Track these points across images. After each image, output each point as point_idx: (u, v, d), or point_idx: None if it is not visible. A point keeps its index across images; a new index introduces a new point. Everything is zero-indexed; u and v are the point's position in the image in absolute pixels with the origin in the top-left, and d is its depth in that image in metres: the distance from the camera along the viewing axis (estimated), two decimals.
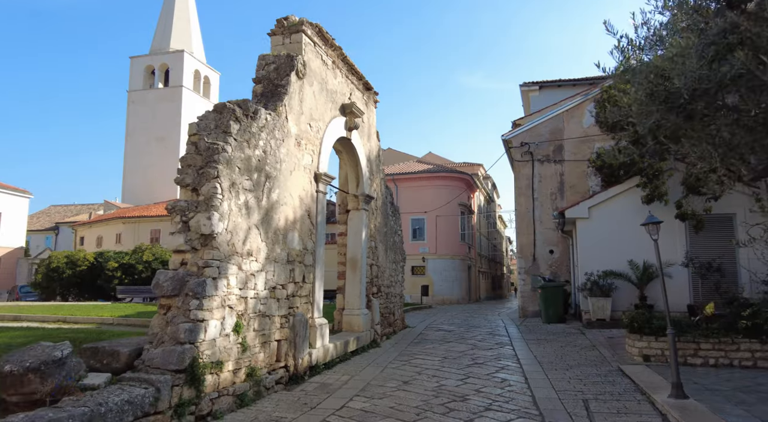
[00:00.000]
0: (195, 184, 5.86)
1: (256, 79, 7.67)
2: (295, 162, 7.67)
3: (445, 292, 32.00)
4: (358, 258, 10.39)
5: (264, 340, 6.72)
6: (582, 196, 16.36)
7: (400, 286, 13.68)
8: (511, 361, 9.11)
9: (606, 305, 13.32)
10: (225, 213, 5.91)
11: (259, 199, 6.66)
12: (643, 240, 13.85)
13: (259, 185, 6.66)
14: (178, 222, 5.77)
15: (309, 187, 8.11)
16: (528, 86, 25.30)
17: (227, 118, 6.18)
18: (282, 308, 7.18)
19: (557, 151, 18.51)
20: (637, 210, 13.75)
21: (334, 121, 9.11)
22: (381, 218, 12.04)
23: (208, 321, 5.56)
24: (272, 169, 6.99)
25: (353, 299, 10.32)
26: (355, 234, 10.48)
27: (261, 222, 6.68)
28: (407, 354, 9.87)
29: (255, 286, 6.51)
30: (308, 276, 8.00)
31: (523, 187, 18.67)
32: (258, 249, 6.59)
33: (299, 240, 7.74)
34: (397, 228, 13.65)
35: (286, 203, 7.34)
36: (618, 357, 9.21)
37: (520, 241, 18.52)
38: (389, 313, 12.43)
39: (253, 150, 6.55)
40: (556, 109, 18.79)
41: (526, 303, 18.19)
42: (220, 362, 5.76)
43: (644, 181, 13.11)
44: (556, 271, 17.90)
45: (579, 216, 14.31)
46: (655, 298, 13.25)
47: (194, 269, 5.65)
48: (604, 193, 14.20)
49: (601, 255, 13.88)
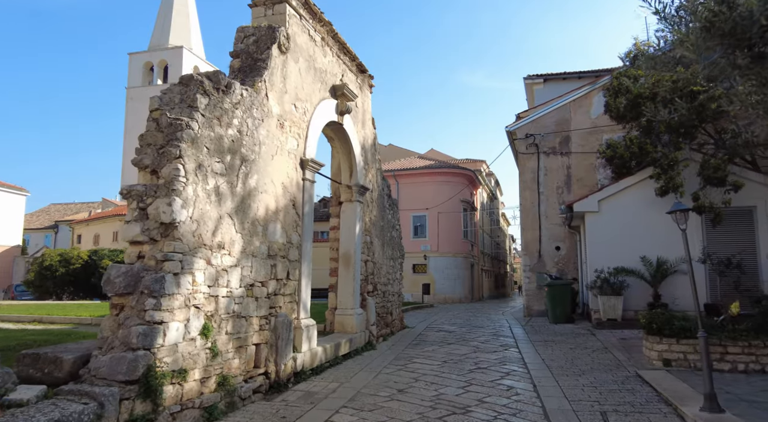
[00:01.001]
0: (155, 165, 5.09)
1: (234, 53, 6.90)
2: (278, 145, 6.90)
3: (447, 291, 31.20)
4: (351, 253, 9.62)
5: (239, 345, 5.95)
6: (590, 190, 15.55)
7: (398, 284, 12.91)
8: (518, 366, 8.33)
9: (617, 304, 12.51)
10: (190, 199, 5.14)
11: (233, 185, 5.89)
12: (656, 235, 13.06)
13: (233, 169, 5.89)
14: (135, 210, 5.00)
15: (294, 174, 7.33)
16: (532, 79, 24.45)
17: (194, 91, 5.41)
18: (261, 308, 6.41)
19: (564, 142, 17.68)
20: (650, 203, 12.95)
21: (324, 103, 8.33)
22: (377, 211, 11.26)
23: (167, 323, 4.79)
24: (249, 152, 6.22)
25: (346, 298, 9.55)
26: (348, 228, 9.71)
27: (235, 212, 5.91)
28: (404, 357, 9.09)
29: (228, 283, 5.74)
30: (293, 272, 7.23)
31: (528, 180, 17.86)
32: (231, 242, 5.82)
33: (282, 232, 6.97)
34: (395, 223, 12.87)
35: (266, 191, 6.57)
36: (634, 361, 8.42)
37: (525, 237, 17.71)
38: (386, 313, 11.66)
39: (226, 129, 5.78)
40: (563, 100, 17.96)
41: (532, 302, 17.39)
42: (183, 370, 4.99)
43: (658, 172, 12.29)
44: (562, 269, 17.08)
45: (588, 210, 13.49)
46: (670, 297, 12.43)
47: (152, 263, 4.89)
48: (615, 185, 13.38)
49: (611, 251, 13.07)
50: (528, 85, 25.09)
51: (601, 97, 17.31)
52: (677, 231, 12.82)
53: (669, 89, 11.99)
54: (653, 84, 12.38)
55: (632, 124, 13.50)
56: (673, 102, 12.02)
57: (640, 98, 12.51)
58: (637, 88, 12.71)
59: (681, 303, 12.12)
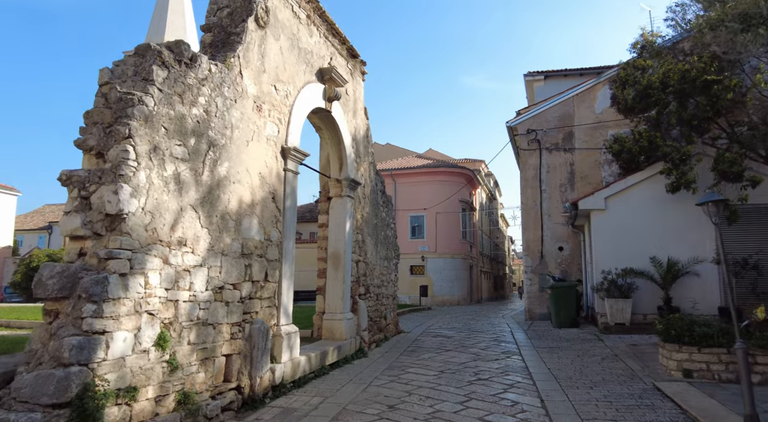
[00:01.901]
0: (100, 146, 4.33)
1: (205, 27, 6.15)
2: (254, 130, 6.14)
3: (446, 293, 30.45)
4: (341, 253, 8.86)
5: (205, 356, 5.19)
6: (594, 188, 14.82)
7: (392, 286, 12.15)
8: (522, 376, 7.57)
9: (625, 308, 11.76)
10: (141, 187, 4.38)
11: (198, 173, 5.13)
12: (667, 234, 12.32)
13: (198, 154, 5.13)
14: (76, 198, 4.24)
15: (274, 164, 6.57)
16: (533, 76, 23.72)
17: (150, 62, 4.66)
18: (233, 314, 5.65)
19: (567, 138, 16.95)
20: (661, 200, 12.22)
21: (309, 87, 7.58)
22: (370, 208, 10.51)
23: (111, 333, 4.03)
24: (219, 136, 5.47)
25: (335, 301, 8.79)
26: (338, 225, 8.95)
27: (201, 203, 5.16)
28: (398, 366, 8.33)
29: (191, 286, 4.98)
30: (272, 273, 6.47)
31: (530, 178, 17.12)
32: (195, 238, 5.06)
33: (259, 228, 6.21)
34: (390, 221, 12.11)
35: (239, 181, 5.82)
36: (649, 370, 7.66)
37: (527, 237, 16.96)
38: (380, 317, 10.90)
39: (189, 107, 5.02)
40: (566, 94, 17.24)
41: (534, 304, 16.63)
42: (132, 388, 4.22)
43: (669, 167, 11.56)
44: (566, 270, 16.34)
45: (594, 208, 12.75)
46: (682, 300, 11.69)
47: (94, 262, 4.13)
48: (623, 181, 12.64)
49: (619, 252, 12.34)
50: (528, 82, 24.35)
51: (606, 91, 16.60)
52: (689, 230, 12.15)
53: (681, 79, 11.27)
54: (663, 74, 11.65)
55: (640, 117, 12.79)
56: (685, 92, 11.30)
57: (650, 89, 11.78)
58: (646, 78, 11.98)
59: (694, 307, 11.39)
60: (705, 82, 10.90)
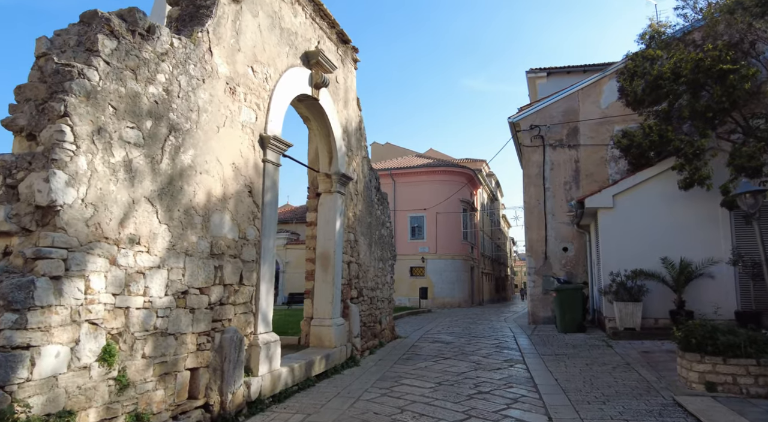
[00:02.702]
0: (32, 126, 3.68)
1: (172, 0, 5.49)
2: (227, 115, 5.48)
3: (446, 295, 29.77)
4: (330, 253, 8.20)
5: (165, 371, 4.52)
6: (601, 186, 14.14)
7: (388, 289, 11.48)
8: (527, 388, 6.89)
9: (635, 311, 11.08)
10: (81, 175, 3.73)
11: (156, 160, 4.47)
12: (680, 234, 11.63)
13: (155, 139, 4.47)
14: (0, 187, 3.59)
15: (250, 154, 5.91)
16: (535, 73, 23.04)
17: (96, 30, 4.00)
18: (200, 322, 4.99)
19: (571, 134, 16.28)
20: (672, 197, 11.54)
21: (293, 71, 6.92)
22: (363, 205, 9.84)
23: (39, 347, 3.37)
24: (183, 119, 4.81)
25: (324, 306, 8.12)
26: (327, 223, 8.29)
27: (159, 196, 4.49)
28: (391, 376, 7.66)
29: (146, 291, 4.32)
30: (248, 276, 5.81)
31: (533, 175, 16.44)
32: (152, 235, 4.40)
33: (232, 225, 5.54)
34: (385, 220, 11.44)
35: (208, 171, 5.15)
36: (667, 382, 6.98)
37: (530, 237, 16.27)
38: (374, 322, 10.23)
39: (145, 85, 4.37)
40: (570, 88, 16.58)
41: (537, 307, 15.94)
42: (68, 412, 3.56)
43: (681, 163, 10.88)
44: (571, 271, 15.65)
45: (601, 206, 12.07)
46: (696, 303, 11.01)
47: (19, 262, 3.47)
48: (631, 178, 11.96)
49: (628, 252, 11.66)
50: (531, 79, 23.69)
51: (612, 84, 15.95)
52: (703, 229, 11.43)
53: (694, 68, 10.59)
54: (675, 64, 10.98)
55: (650, 110, 12.12)
56: (699, 82, 10.63)
57: (660, 79, 11.10)
58: (656, 68, 11.30)
59: (716, 311, 10.70)
60: (720, 72, 10.23)
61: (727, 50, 10.29)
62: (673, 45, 11.87)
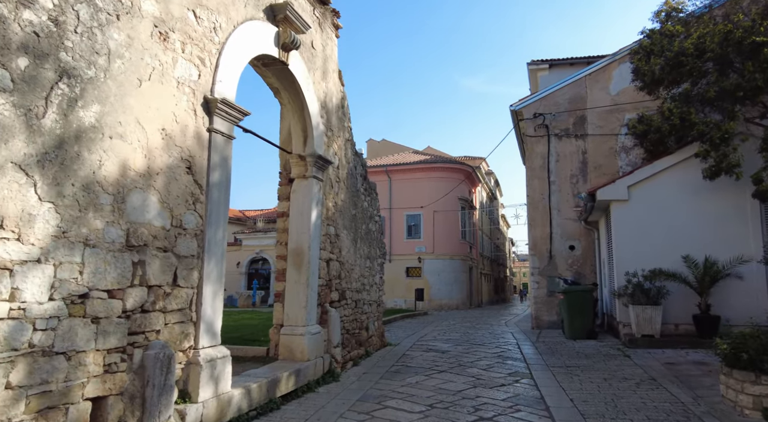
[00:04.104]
0: None
1: None
2: (155, 67, 4.24)
3: (444, 296, 28.53)
4: (304, 249, 6.96)
5: (49, 404, 3.28)
6: (610, 179, 12.92)
7: (377, 291, 10.24)
8: (537, 412, 5.65)
9: (655, 316, 9.86)
10: None
11: (35, 113, 3.23)
12: (703, 229, 10.37)
13: (34, 84, 3.23)
14: None
15: (190, 120, 4.67)
16: (536, 64, 21.79)
17: None
18: (110, 335, 3.74)
19: (578, 123, 15.07)
20: (695, 188, 10.33)
21: (253, 25, 5.67)
22: (346, 195, 8.61)
23: None
24: (82, 63, 3.57)
25: (296, 311, 6.88)
26: (301, 213, 7.06)
27: (40, 162, 3.25)
28: (374, 395, 6.42)
29: (14, 294, 3.08)
30: (186, 275, 4.56)
31: (537, 167, 15.22)
32: (26, 217, 3.16)
33: (161, 209, 4.30)
34: (373, 213, 10.20)
35: (123, 136, 3.91)
36: (707, 405, 5.74)
37: (534, 235, 15.04)
38: (359, 328, 8.99)
39: (17, 8, 3.13)
40: (577, 74, 15.37)
41: (541, 311, 14.71)
42: None
43: (706, 149, 9.67)
44: (579, 271, 14.43)
45: (615, 199, 10.86)
46: (722, 307, 9.80)
47: None
48: (649, 166, 10.74)
49: (644, 250, 10.46)
50: (532, 71, 22.44)
51: (621, 70, 14.77)
52: (730, 224, 10.12)
53: (722, 42, 9.38)
54: (699, 38, 9.77)
55: (667, 93, 10.91)
56: (728, 57, 9.41)
57: (682, 56, 9.89)
58: (677, 44, 10.09)
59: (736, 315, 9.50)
60: (753, 45, 9.01)
61: (762, 20, 9.09)
62: (692, 23, 10.67)
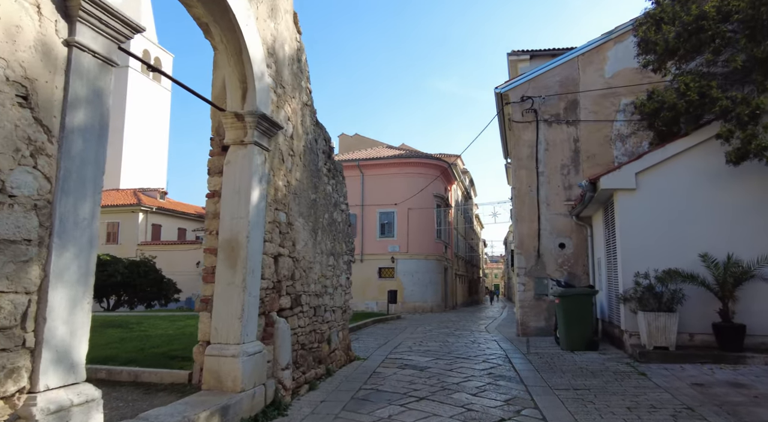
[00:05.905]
0: None
1: None
2: None
3: (417, 298, 26.94)
4: (240, 240, 5.16)
5: None
6: (605, 169, 11.48)
7: (342, 294, 8.48)
8: None
9: (669, 325, 8.38)
10: None
11: None
12: (724, 223, 8.88)
13: None
14: None
15: (27, 21, 2.85)
16: (517, 55, 20.34)
17: None
18: None
19: (570, 108, 13.62)
20: (715, 175, 8.90)
21: None
22: (304, 175, 6.83)
23: None
24: None
25: (228, 323, 5.07)
26: (238, 192, 5.26)
27: None
28: None
29: None
30: (14, 272, 2.74)
31: (524, 157, 13.71)
32: None
33: None
34: (340, 200, 8.44)
35: None
36: None
37: (520, 231, 13.51)
38: (319, 342, 7.21)
39: None
40: (569, 54, 13.93)
41: (528, 316, 13.18)
42: None
43: (728, 129, 8.25)
44: (570, 272, 12.96)
45: (621, 187, 9.36)
46: (747, 314, 8.39)
47: None
48: (661, 150, 9.28)
49: (654, 247, 9.00)
50: (512, 62, 20.97)
51: (617, 50, 13.40)
52: (757, 217, 8.66)
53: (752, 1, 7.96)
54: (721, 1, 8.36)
55: (678, 66, 9.51)
56: (760, 19, 8.00)
57: (702, 20, 8.46)
58: (694, 8, 8.66)
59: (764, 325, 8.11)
60: None
61: None
62: None
